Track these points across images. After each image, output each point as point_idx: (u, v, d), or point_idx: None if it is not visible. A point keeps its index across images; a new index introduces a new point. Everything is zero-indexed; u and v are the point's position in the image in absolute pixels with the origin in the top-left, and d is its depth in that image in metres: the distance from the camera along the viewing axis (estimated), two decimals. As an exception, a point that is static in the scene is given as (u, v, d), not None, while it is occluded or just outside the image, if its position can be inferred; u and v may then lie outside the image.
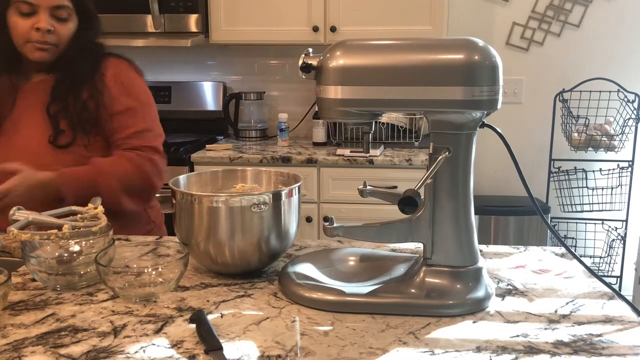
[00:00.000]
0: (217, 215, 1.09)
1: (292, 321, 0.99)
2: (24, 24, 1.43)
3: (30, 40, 1.44)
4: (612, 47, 3.04)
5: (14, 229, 1.11)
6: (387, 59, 1.00)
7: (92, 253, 1.12)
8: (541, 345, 0.90)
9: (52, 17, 1.44)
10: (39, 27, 1.42)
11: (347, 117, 1.06)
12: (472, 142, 1.04)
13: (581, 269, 1.20)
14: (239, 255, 1.13)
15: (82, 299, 1.08)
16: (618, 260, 3.06)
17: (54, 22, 1.45)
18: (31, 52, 1.46)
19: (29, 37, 1.44)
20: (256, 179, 1.32)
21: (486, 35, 3.04)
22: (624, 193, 3.01)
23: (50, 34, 1.44)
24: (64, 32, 1.48)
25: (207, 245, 1.12)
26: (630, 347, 0.89)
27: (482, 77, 0.97)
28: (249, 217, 1.10)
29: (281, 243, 1.16)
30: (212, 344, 0.89)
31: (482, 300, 1.03)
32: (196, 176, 1.29)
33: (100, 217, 1.21)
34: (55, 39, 1.46)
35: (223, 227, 1.10)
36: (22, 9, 1.42)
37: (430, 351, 0.89)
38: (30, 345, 0.90)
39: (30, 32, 1.43)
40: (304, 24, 2.86)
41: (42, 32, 1.43)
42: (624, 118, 2.88)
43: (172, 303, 1.06)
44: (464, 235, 1.05)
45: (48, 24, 1.43)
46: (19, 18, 1.43)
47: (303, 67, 1.05)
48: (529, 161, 3.13)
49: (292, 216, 1.16)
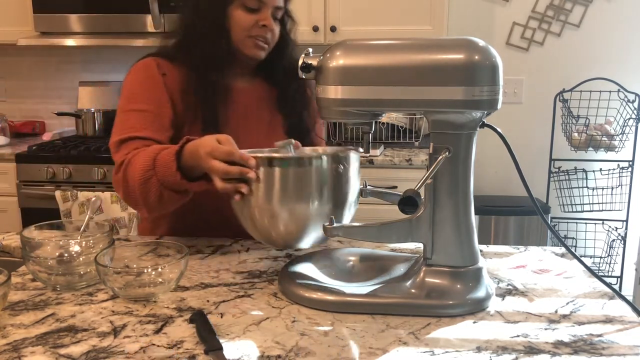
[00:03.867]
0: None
1: (292, 321, 0.99)
2: (248, 18, 1.39)
3: (252, 35, 1.40)
4: (612, 47, 3.04)
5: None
6: (387, 59, 1.00)
7: (92, 253, 1.12)
8: (541, 346, 0.90)
9: (271, 16, 1.42)
10: (266, 24, 1.39)
11: (347, 117, 1.06)
12: (472, 142, 1.04)
13: (581, 269, 1.20)
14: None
15: (82, 299, 1.08)
16: (618, 261, 3.06)
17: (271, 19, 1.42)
18: (250, 47, 1.41)
19: (251, 32, 1.40)
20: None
21: (486, 35, 3.04)
22: (624, 193, 3.01)
23: (270, 33, 1.41)
24: (277, 33, 1.45)
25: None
26: (631, 347, 0.89)
27: (482, 77, 0.97)
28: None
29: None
30: (212, 344, 0.89)
31: (482, 301, 1.03)
32: None
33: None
34: (272, 38, 1.43)
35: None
36: (248, 3, 1.38)
37: (430, 351, 0.89)
38: (30, 346, 0.90)
39: (253, 27, 1.39)
40: (304, 24, 2.85)
41: (266, 29, 1.40)
42: (624, 118, 2.88)
43: (172, 303, 1.06)
44: (464, 235, 1.05)
45: (273, 23, 1.41)
46: (244, 12, 1.39)
47: (303, 67, 1.05)
48: (529, 161, 3.12)
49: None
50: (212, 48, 1.40)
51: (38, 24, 2.93)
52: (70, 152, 2.79)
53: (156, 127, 1.36)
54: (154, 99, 1.38)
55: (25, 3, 2.93)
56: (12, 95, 3.45)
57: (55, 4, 2.91)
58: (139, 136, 1.32)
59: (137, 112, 1.36)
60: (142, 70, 1.42)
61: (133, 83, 1.42)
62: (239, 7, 1.39)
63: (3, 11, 3.00)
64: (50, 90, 3.42)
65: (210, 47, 1.39)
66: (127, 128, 1.34)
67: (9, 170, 2.82)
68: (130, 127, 1.34)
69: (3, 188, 2.84)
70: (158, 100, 1.38)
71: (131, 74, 1.43)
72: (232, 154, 1.10)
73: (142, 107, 1.37)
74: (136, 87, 1.41)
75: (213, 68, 1.41)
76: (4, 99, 3.44)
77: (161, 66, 1.41)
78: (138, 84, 1.41)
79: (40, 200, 2.76)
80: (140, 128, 1.34)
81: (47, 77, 3.41)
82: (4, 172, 2.83)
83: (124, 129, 1.35)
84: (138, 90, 1.40)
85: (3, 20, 3.00)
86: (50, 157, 2.78)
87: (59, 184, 2.76)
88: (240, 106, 1.47)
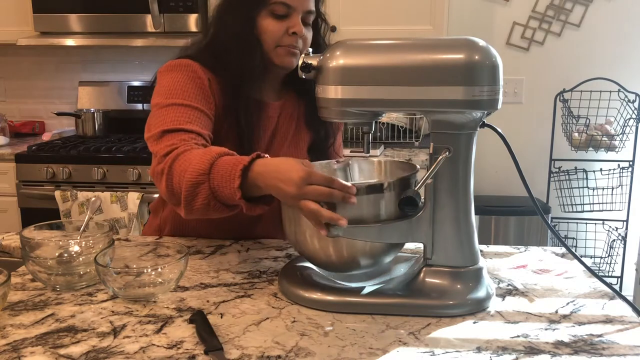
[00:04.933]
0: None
1: (292, 321, 0.99)
2: (278, 26, 1.31)
3: (282, 44, 1.32)
4: (612, 47, 3.04)
5: None
6: (387, 59, 1.00)
7: (92, 253, 1.12)
8: (541, 346, 0.90)
9: (302, 21, 1.33)
10: (296, 31, 1.30)
11: (347, 117, 1.06)
12: (472, 142, 1.04)
13: (582, 269, 1.20)
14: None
15: (82, 299, 1.08)
16: (618, 261, 3.05)
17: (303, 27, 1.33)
18: (281, 56, 1.33)
19: (281, 41, 1.31)
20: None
21: (486, 35, 3.04)
22: (625, 193, 3.01)
23: (300, 39, 1.33)
24: (308, 37, 1.36)
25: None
26: (631, 347, 0.89)
27: (482, 77, 0.97)
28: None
29: None
30: (212, 344, 0.89)
31: (482, 301, 1.03)
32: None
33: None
34: (303, 45, 1.34)
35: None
36: (277, 10, 1.30)
37: (430, 351, 0.89)
38: (29, 346, 0.90)
39: (283, 35, 1.31)
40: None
41: (297, 36, 1.31)
42: (625, 118, 2.88)
43: (171, 303, 1.06)
44: (464, 235, 1.05)
45: (303, 30, 1.32)
46: (272, 20, 1.31)
47: (303, 67, 1.05)
48: (529, 161, 3.12)
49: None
50: (244, 61, 1.33)
51: (38, 24, 2.93)
52: (70, 152, 2.79)
53: (203, 124, 1.27)
54: (200, 97, 1.29)
55: (25, 3, 2.93)
56: (12, 95, 3.45)
57: (55, 4, 2.91)
58: (185, 129, 1.22)
59: (182, 106, 1.26)
60: (185, 68, 1.32)
61: (176, 79, 1.31)
62: (267, 16, 1.32)
63: (3, 11, 3.00)
64: (50, 90, 3.42)
65: (241, 61, 1.33)
66: (171, 120, 1.23)
67: (8, 170, 2.82)
68: (175, 120, 1.23)
69: (3, 188, 2.84)
70: (204, 100, 1.30)
71: (171, 72, 1.33)
72: (332, 181, 0.99)
73: (188, 102, 1.27)
74: (179, 83, 1.30)
75: (248, 81, 1.34)
76: (4, 99, 3.44)
77: (203, 70, 1.33)
78: (182, 80, 1.30)
79: (40, 200, 2.76)
80: (186, 122, 1.23)
81: (47, 77, 3.41)
82: (3, 172, 2.83)
83: (166, 121, 1.23)
84: (182, 87, 1.29)
85: (3, 20, 3.00)
86: (50, 157, 2.78)
87: (58, 184, 2.76)
88: (271, 121, 1.42)
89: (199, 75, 1.31)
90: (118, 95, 3.27)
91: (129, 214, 2.65)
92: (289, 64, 1.34)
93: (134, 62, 3.31)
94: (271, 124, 1.42)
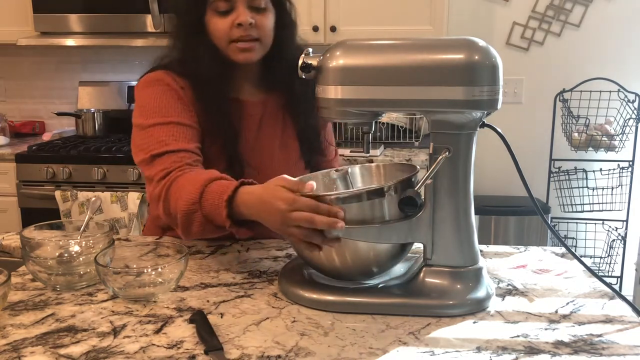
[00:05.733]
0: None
1: (292, 321, 0.99)
2: (224, 23, 1.30)
3: (233, 38, 1.30)
4: (612, 47, 3.04)
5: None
6: (387, 59, 1.00)
7: (92, 253, 1.12)
8: (541, 346, 0.90)
9: (249, 9, 1.30)
10: (240, 21, 1.28)
11: (347, 117, 1.06)
12: (472, 142, 1.04)
13: (581, 269, 1.20)
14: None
15: (82, 299, 1.08)
16: (618, 261, 3.05)
17: (252, 13, 1.30)
18: (235, 53, 1.32)
19: (231, 36, 1.30)
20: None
21: (486, 35, 3.04)
22: (624, 193, 3.01)
23: (252, 28, 1.30)
24: (264, 23, 1.32)
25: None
26: (631, 347, 0.89)
27: (482, 77, 0.97)
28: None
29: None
30: (212, 344, 0.89)
31: (482, 301, 1.03)
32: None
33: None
34: (257, 32, 1.31)
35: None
36: (219, 7, 1.30)
37: (430, 351, 0.89)
38: (29, 346, 0.90)
39: (231, 30, 1.30)
40: (304, 24, 2.82)
41: (244, 27, 1.29)
42: (624, 118, 2.88)
43: (172, 303, 1.06)
44: (464, 235, 1.05)
45: (248, 17, 1.29)
46: (218, 18, 1.31)
47: (303, 67, 1.05)
48: (529, 161, 3.12)
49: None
50: (202, 65, 1.33)
51: (38, 24, 2.93)
52: (70, 152, 2.79)
53: (188, 138, 1.29)
54: (179, 111, 1.31)
55: (25, 3, 2.93)
56: (12, 95, 3.45)
57: (55, 4, 2.91)
58: (172, 150, 1.25)
59: (163, 125, 1.28)
60: (158, 83, 1.34)
61: (152, 96, 1.33)
62: (212, 15, 1.32)
63: (3, 11, 3.00)
64: (50, 90, 3.42)
65: (200, 65, 1.33)
66: (157, 142, 1.27)
67: (9, 170, 2.82)
68: (161, 141, 1.27)
69: (3, 188, 2.84)
70: (183, 112, 1.31)
71: (147, 88, 1.35)
72: (317, 207, 0.97)
73: (168, 119, 1.29)
74: (156, 100, 1.32)
75: (215, 83, 1.34)
76: (4, 99, 3.44)
77: (176, 80, 1.34)
78: (158, 96, 1.32)
79: (40, 200, 2.76)
80: (172, 141, 1.27)
81: (47, 77, 3.41)
82: (4, 172, 2.83)
83: (153, 144, 1.27)
84: (160, 103, 1.31)
85: (3, 20, 3.00)
86: (50, 157, 2.78)
87: (58, 184, 2.76)
88: (254, 119, 1.42)
89: (172, 87, 1.33)
90: (118, 95, 3.27)
91: (129, 214, 2.65)
92: (247, 59, 1.33)
93: (134, 62, 3.31)
94: (254, 122, 1.42)
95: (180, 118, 1.30)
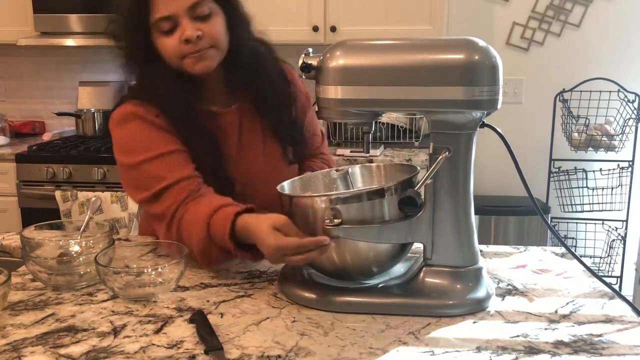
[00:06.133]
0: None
1: (292, 321, 0.99)
2: (171, 41, 1.24)
3: (184, 54, 1.24)
4: (612, 47, 3.04)
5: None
6: (387, 59, 1.00)
7: (92, 253, 1.12)
8: (541, 346, 0.90)
9: (194, 20, 1.23)
10: (186, 37, 1.22)
11: (347, 117, 1.06)
12: (472, 142, 1.04)
13: (581, 269, 1.20)
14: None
15: (82, 299, 1.08)
16: (618, 261, 3.05)
17: (198, 24, 1.23)
18: (191, 66, 1.25)
19: (182, 53, 1.24)
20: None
21: (486, 35, 3.03)
22: (624, 193, 3.01)
23: (201, 40, 1.23)
24: (213, 29, 1.25)
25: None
26: (631, 347, 0.89)
27: (482, 77, 0.97)
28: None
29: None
30: (212, 344, 0.89)
31: (482, 301, 1.03)
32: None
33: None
34: (209, 40, 1.24)
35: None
36: (162, 27, 1.23)
37: (430, 351, 0.89)
38: (30, 346, 0.90)
39: (179, 47, 1.23)
40: (304, 24, 2.85)
41: (192, 42, 1.22)
42: (624, 118, 2.88)
43: (172, 303, 1.06)
44: (464, 235, 1.05)
45: (194, 30, 1.22)
46: (164, 38, 1.24)
47: (303, 67, 1.05)
48: (529, 161, 3.12)
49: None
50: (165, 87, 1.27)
51: (38, 24, 2.93)
52: (70, 152, 2.79)
53: (181, 164, 1.25)
54: (162, 141, 1.25)
55: (25, 3, 2.93)
56: (12, 95, 3.45)
57: (55, 4, 2.91)
58: (171, 183, 1.21)
59: (153, 159, 1.23)
60: (132, 117, 1.27)
61: (130, 133, 1.27)
62: (158, 36, 1.25)
63: (3, 11, 3.00)
64: (50, 90, 3.42)
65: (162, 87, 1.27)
66: (153, 179, 1.22)
67: (9, 170, 2.82)
68: (156, 177, 1.22)
69: (3, 188, 2.84)
70: (166, 140, 1.26)
71: (123, 125, 1.28)
72: (302, 247, 1.01)
73: (155, 152, 1.24)
74: (136, 136, 1.26)
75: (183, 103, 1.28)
76: (4, 99, 3.44)
77: (147, 109, 1.27)
78: (136, 132, 1.26)
79: (40, 200, 2.76)
80: (167, 173, 1.22)
81: (47, 77, 3.40)
82: (4, 172, 2.82)
83: (150, 181, 1.23)
84: (140, 138, 1.26)
85: (3, 20, 3.00)
86: (50, 157, 2.78)
87: (59, 184, 2.76)
88: (231, 128, 1.36)
89: (147, 118, 1.26)
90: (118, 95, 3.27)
91: (129, 214, 2.65)
92: (205, 68, 1.27)
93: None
94: (233, 130, 1.36)
95: (167, 147, 1.25)
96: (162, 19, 1.23)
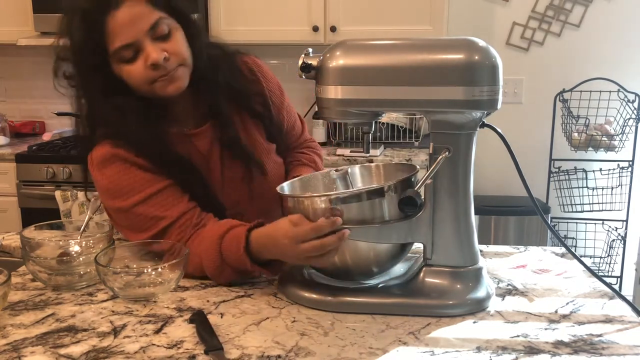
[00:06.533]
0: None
1: (292, 321, 0.99)
2: (137, 68, 1.15)
3: (153, 79, 1.16)
4: (612, 47, 3.04)
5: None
6: (387, 59, 1.00)
7: (92, 253, 1.12)
8: (541, 346, 0.90)
9: (155, 40, 1.15)
10: (152, 62, 1.13)
11: (347, 117, 1.06)
12: (472, 142, 1.04)
13: (581, 269, 1.20)
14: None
15: (82, 299, 1.08)
16: (618, 261, 3.05)
17: (160, 44, 1.15)
18: (164, 88, 1.18)
19: (151, 78, 1.16)
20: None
21: (486, 35, 3.03)
22: (624, 193, 3.01)
23: (168, 60, 1.15)
24: (177, 47, 1.17)
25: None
26: (631, 347, 0.89)
27: (482, 77, 0.97)
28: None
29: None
30: (212, 344, 0.89)
31: (482, 301, 1.03)
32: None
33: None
34: (176, 59, 1.17)
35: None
36: (124, 56, 1.15)
37: (430, 351, 0.89)
38: (30, 346, 0.90)
39: (147, 73, 1.15)
40: (304, 24, 2.86)
41: (160, 65, 1.14)
42: (624, 118, 2.88)
43: (172, 303, 1.06)
44: (464, 235, 1.05)
45: (159, 53, 1.14)
46: (128, 66, 1.16)
47: (303, 67, 1.05)
48: (529, 161, 3.12)
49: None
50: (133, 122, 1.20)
51: (38, 24, 2.93)
52: (70, 152, 2.79)
53: (176, 198, 1.20)
54: (150, 179, 1.19)
55: (25, 3, 2.93)
56: (12, 95, 3.45)
57: (55, 4, 2.88)
58: (171, 221, 1.17)
59: (145, 200, 1.18)
60: (114, 160, 1.20)
61: (115, 177, 1.19)
62: (120, 66, 1.17)
63: (3, 11, 3.00)
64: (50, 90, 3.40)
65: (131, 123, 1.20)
66: (151, 220, 1.18)
67: (9, 170, 2.82)
68: (154, 217, 1.17)
69: (3, 188, 2.84)
70: (154, 178, 1.19)
71: (105, 169, 1.21)
72: (319, 230, 1.00)
73: (147, 192, 1.18)
74: (121, 179, 1.19)
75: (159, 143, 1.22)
76: (4, 99, 3.44)
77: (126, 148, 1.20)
78: (121, 176, 1.19)
79: (40, 200, 2.76)
80: (164, 212, 1.18)
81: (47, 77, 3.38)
82: (4, 172, 2.83)
83: (148, 223, 1.18)
84: (127, 182, 1.19)
85: (3, 20, 3.00)
86: (50, 157, 2.78)
87: (59, 184, 2.76)
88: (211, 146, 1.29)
89: (129, 159, 1.20)
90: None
91: (129, 214, 2.65)
92: (175, 90, 1.19)
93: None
94: (213, 150, 1.29)
95: (157, 185, 1.19)
96: (123, 48, 1.14)
